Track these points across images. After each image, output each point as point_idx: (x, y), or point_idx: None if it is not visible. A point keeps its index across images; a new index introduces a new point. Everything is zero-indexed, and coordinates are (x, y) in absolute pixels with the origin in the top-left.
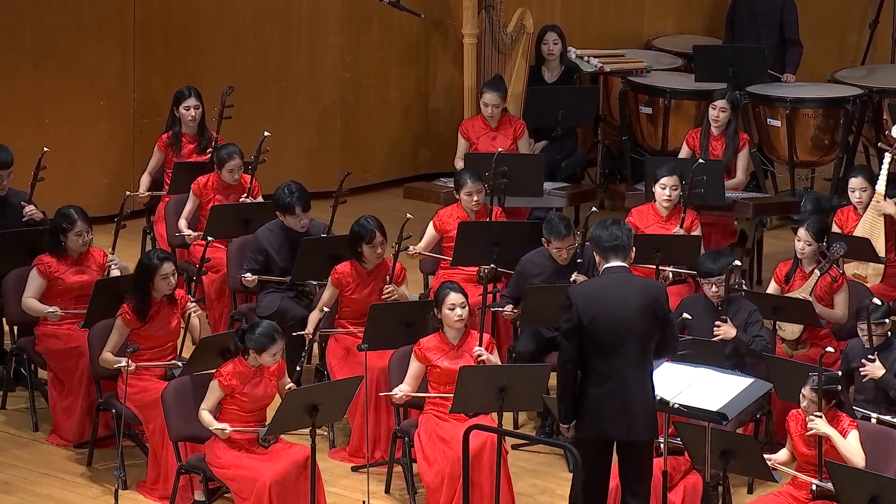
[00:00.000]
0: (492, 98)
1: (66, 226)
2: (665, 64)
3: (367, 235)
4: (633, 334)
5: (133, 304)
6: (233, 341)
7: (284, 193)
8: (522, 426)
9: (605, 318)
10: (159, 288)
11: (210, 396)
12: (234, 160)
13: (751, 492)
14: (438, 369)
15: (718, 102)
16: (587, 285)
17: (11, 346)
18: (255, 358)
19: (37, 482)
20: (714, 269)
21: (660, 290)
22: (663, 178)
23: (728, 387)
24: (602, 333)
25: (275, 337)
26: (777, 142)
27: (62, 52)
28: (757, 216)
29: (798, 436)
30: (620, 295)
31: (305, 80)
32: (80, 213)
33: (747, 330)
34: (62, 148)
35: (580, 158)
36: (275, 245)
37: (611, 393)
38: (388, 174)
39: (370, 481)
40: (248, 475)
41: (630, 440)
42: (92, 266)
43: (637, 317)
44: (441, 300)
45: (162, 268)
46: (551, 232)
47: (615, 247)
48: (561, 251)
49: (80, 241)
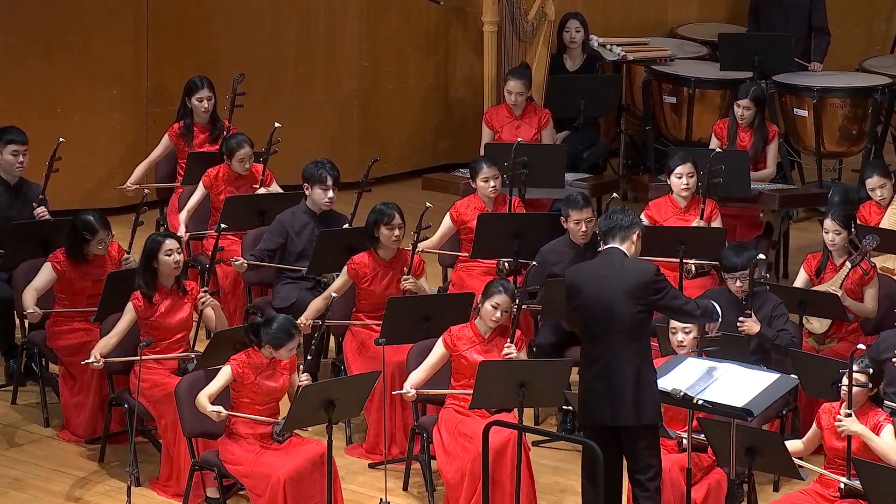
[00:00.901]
0: (516, 86)
1: (89, 236)
2: (689, 52)
3: (385, 217)
4: (618, 318)
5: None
6: (246, 335)
7: (316, 165)
8: (543, 422)
9: (592, 299)
10: (165, 269)
11: (216, 382)
12: (243, 149)
13: (776, 490)
14: (465, 361)
15: (742, 101)
16: (579, 266)
17: (22, 341)
18: (270, 351)
19: (48, 479)
20: (738, 264)
21: (648, 274)
22: (677, 168)
23: (753, 382)
24: (589, 315)
25: (292, 333)
26: (804, 132)
27: (73, 41)
28: (783, 208)
29: (830, 429)
30: (608, 277)
31: (323, 68)
32: (101, 221)
33: (772, 324)
34: (73, 138)
35: (602, 149)
36: (296, 227)
37: (597, 376)
38: (407, 164)
39: (388, 478)
40: (262, 471)
41: (615, 426)
42: (108, 264)
43: (623, 300)
44: (490, 293)
45: (165, 243)
46: (569, 204)
47: (610, 228)
48: (580, 224)
49: (101, 248)
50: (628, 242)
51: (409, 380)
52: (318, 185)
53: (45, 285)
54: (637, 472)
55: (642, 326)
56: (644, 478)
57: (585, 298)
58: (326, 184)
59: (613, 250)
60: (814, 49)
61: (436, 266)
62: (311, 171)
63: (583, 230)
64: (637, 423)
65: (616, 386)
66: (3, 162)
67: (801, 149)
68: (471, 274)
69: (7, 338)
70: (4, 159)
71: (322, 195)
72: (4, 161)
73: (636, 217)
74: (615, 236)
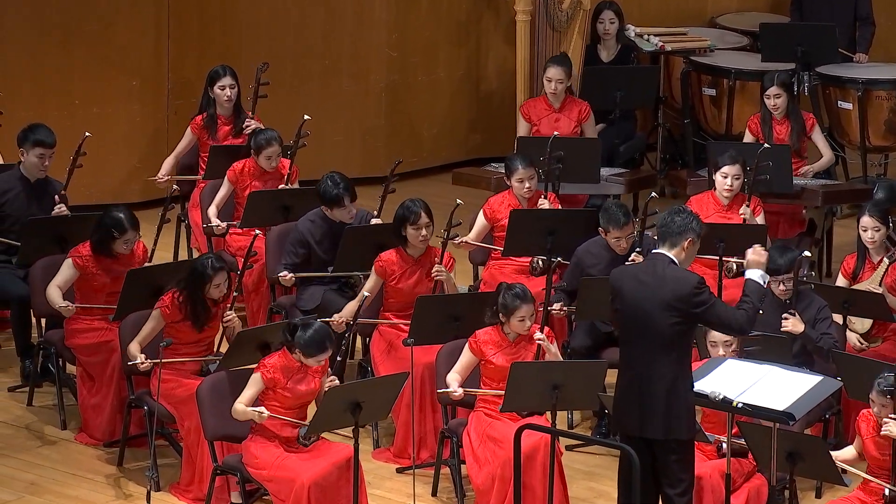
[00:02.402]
0: (556, 73)
1: (117, 234)
2: (730, 43)
3: (412, 216)
4: (654, 328)
5: (182, 307)
6: (282, 334)
7: (329, 186)
8: (577, 426)
9: (631, 304)
10: (211, 295)
11: (249, 389)
12: (272, 147)
13: (819, 496)
14: (492, 365)
15: (771, 90)
16: (625, 268)
17: (39, 340)
18: (300, 357)
19: (65, 483)
20: (781, 267)
21: (687, 285)
22: (725, 167)
23: (795, 385)
24: (627, 320)
25: (325, 346)
26: (848, 126)
27: (92, 29)
28: (826, 204)
29: (869, 438)
30: (648, 284)
31: (350, 58)
32: (131, 220)
33: (815, 327)
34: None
35: (639, 143)
36: (317, 236)
37: (629, 384)
38: (436, 159)
39: (416, 483)
40: (286, 476)
41: (643, 437)
42: (132, 262)
43: (659, 311)
44: (511, 310)
45: (216, 278)
46: (609, 221)
47: (661, 233)
48: (620, 241)
49: (126, 247)
50: (678, 249)
51: (450, 378)
52: (337, 209)
53: (68, 281)
54: (668, 486)
55: (680, 339)
56: (674, 492)
57: (624, 303)
58: (344, 205)
59: (660, 256)
60: (859, 39)
61: (466, 264)
62: (328, 194)
63: (622, 245)
64: (666, 437)
65: (647, 397)
66: (26, 162)
67: (845, 143)
68: (503, 272)
69: (23, 337)
70: (29, 160)
71: (344, 215)
72: (29, 162)
73: (693, 221)
74: (665, 241)
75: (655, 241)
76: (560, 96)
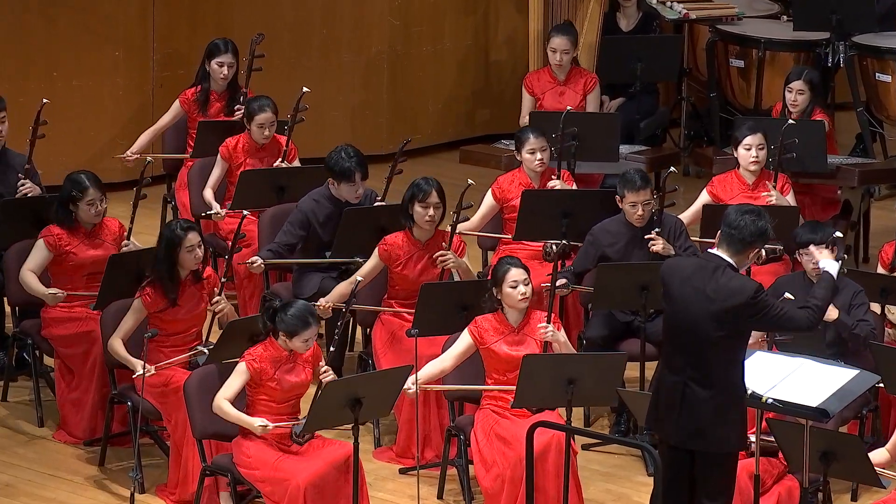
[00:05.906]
0: (561, 42)
1: (77, 194)
2: (759, 10)
3: (421, 193)
4: (701, 335)
5: (158, 284)
6: (261, 320)
7: (342, 157)
8: (594, 423)
9: (678, 307)
10: (185, 263)
11: (232, 382)
12: (265, 112)
13: (855, 499)
14: (495, 354)
15: (795, 84)
16: (678, 263)
17: (13, 330)
18: (285, 341)
19: (42, 484)
20: (814, 239)
21: (744, 294)
22: (746, 138)
23: (830, 379)
24: (673, 322)
25: (308, 321)
26: (887, 100)
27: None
28: (863, 184)
29: None
30: (700, 289)
31: (350, 27)
32: (93, 178)
33: (850, 313)
34: (73, 104)
35: (662, 118)
36: (320, 218)
37: (670, 389)
38: (442, 136)
39: (420, 485)
40: (280, 476)
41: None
42: (107, 239)
43: (707, 321)
44: (501, 277)
45: (186, 239)
46: (625, 184)
47: (727, 234)
48: (636, 206)
49: (93, 212)
50: (741, 256)
51: (421, 371)
52: (345, 183)
53: (41, 265)
54: (705, 497)
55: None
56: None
57: (672, 302)
58: (354, 180)
59: (716, 259)
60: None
61: (476, 249)
62: (338, 165)
63: (639, 213)
64: (706, 450)
65: (694, 406)
66: None
67: (883, 118)
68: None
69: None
70: None
71: (351, 192)
72: None
73: (768, 230)
74: (730, 245)
75: (717, 239)
76: (566, 68)
